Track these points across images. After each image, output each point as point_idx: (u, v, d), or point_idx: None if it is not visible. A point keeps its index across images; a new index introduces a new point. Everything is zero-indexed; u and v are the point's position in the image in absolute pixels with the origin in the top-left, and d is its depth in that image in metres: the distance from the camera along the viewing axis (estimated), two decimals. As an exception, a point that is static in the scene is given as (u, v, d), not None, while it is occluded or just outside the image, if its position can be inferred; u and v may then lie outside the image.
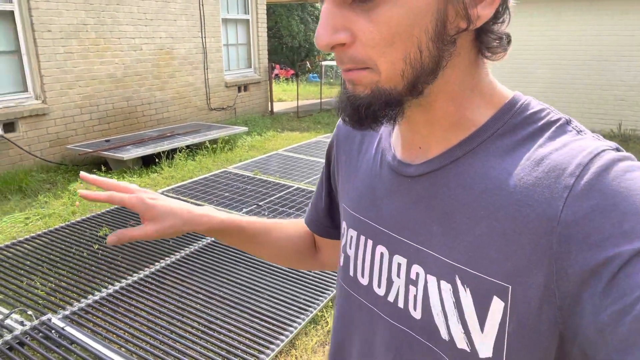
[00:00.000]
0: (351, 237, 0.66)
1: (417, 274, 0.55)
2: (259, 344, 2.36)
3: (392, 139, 0.63)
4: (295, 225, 0.88)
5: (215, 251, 3.30)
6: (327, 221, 0.81)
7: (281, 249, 0.84)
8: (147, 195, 0.71)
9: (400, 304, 0.58)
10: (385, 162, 0.62)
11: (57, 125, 5.64)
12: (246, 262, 3.15)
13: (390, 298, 0.59)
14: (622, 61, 7.76)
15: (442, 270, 0.52)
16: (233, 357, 2.25)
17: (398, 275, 0.58)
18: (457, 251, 0.51)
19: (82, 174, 0.70)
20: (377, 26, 0.46)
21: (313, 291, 2.87)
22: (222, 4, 8.14)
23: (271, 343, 2.37)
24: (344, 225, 0.69)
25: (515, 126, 0.52)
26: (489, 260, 0.48)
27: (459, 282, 0.51)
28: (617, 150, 0.47)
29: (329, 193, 0.79)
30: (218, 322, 2.52)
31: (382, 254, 0.60)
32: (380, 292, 0.61)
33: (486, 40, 0.51)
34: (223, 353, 2.28)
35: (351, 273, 0.66)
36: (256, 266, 3.11)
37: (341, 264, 0.69)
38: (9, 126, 5.16)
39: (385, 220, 0.60)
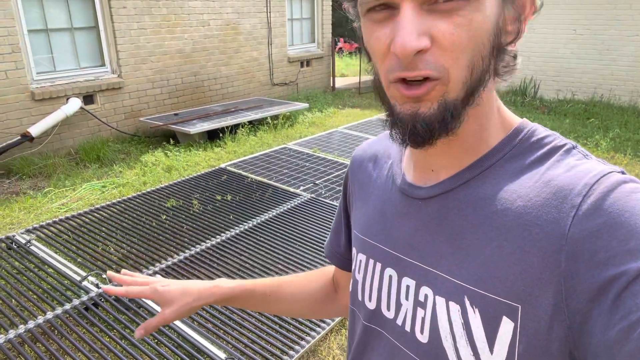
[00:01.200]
0: (360, 261, 0.67)
1: (426, 296, 0.56)
2: (313, 322, 2.44)
3: (403, 164, 0.64)
4: (310, 276, 0.89)
5: (272, 228, 3.41)
6: (347, 253, 0.81)
7: (297, 302, 0.85)
8: (159, 284, 0.78)
9: (407, 328, 0.58)
10: (395, 186, 0.63)
11: (132, 98, 5.96)
12: (302, 241, 3.24)
13: (399, 321, 0.60)
14: None
15: (451, 291, 0.53)
16: (286, 332, 2.35)
17: (407, 298, 0.59)
18: (467, 271, 0.52)
19: (109, 273, 0.78)
20: (458, 29, 0.45)
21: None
22: (288, -22, 8.12)
23: (323, 321, 2.45)
24: (354, 250, 0.70)
25: (524, 150, 0.53)
26: (498, 280, 0.49)
27: (467, 303, 0.51)
28: (623, 173, 0.48)
29: (347, 224, 0.80)
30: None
31: (390, 277, 0.61)
32: (389, 315, 0.62)
33: (506, 58, 0.52)
34: (276, 327, 2.38)
35: (359, 297, 0.67)
36: (312, 246, 3.18)
37: (351, 289, 0.70)
38: (89, 98, 5.53)
39: (395, 243, 0.61)
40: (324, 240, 3.23)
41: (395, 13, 0.47)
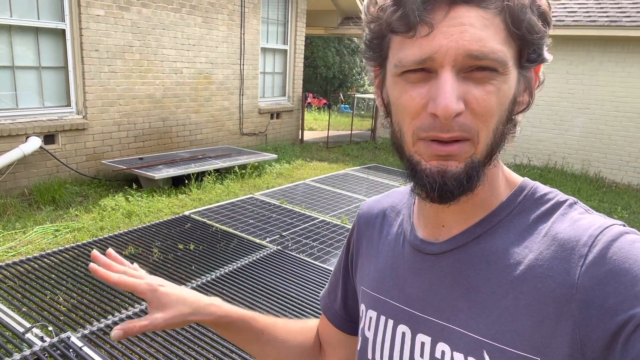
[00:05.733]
0: (370, 318, 0.66)
1: (443, 352, 0.56)
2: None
3: (413, 221, 0.65)
4: (300, 324, 0.84)
5: (237, 280, 3.29)
6: (342, 312, 0.79)
7: (286, 349, 0.79)
8: (157, 282, 0.69)
9: None
10: (407, 242, 0.64)
11: (95, 140, 5.81)
12: (267, 295, 3.12)
13: None
14: (663, 115, 7.56)
15: (469, 346, 0.53)
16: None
17: (421, 355, 0.58)
18: (484, 325, 0.53)
19: (94, 253, 0.67)
20: (489, 96, 0.49)
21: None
22: (263, 34, 8.36)
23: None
24: (362, 307, 0.69)
25: (529, 206, 0.57)
26: (516, 333, 0.50)
27: (487, 358, 0.52)
28: (624, 226, 0.51)
29: (345, 281, 0.79)
30: (233, 355, 2.48)
31: (403, 334, 0.61)
32: None
33: (513, 126, 0.56)
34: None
35: (369, 356, 0.65)
36: (278, 301, 3.07)
37: (359, 347, 0.68)
38: (50, 138, 5.34)
39: (408, 299, 0.61)
40: (292, 295, 3.14)
41: (431, 77, 0.51)
